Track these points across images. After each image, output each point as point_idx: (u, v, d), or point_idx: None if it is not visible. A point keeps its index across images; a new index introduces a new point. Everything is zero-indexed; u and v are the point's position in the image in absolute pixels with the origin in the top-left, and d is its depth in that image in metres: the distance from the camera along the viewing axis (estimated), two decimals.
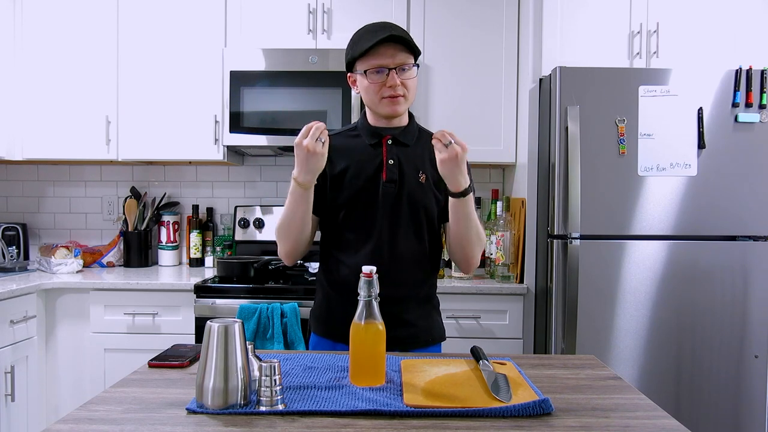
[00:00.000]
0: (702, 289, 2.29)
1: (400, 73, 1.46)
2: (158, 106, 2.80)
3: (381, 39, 1.43)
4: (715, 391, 2.30)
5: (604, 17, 2.51)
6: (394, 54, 1.46)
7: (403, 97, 1.49)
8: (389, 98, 1.48)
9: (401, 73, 1.47)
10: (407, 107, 1.54)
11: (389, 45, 1.45)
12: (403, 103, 1.50)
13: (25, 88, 2.81)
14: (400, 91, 1.47)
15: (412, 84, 1.50)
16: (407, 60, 1.47)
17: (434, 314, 1.63)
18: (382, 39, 1.43)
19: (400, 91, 1.47)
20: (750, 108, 2.29)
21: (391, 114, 1.51)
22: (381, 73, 1.46)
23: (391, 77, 1.46)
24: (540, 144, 2.50)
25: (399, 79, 1.46)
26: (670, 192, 2.29)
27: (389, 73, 1.45)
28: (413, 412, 1.01)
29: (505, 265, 2.57)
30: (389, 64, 1.45)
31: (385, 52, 1.45)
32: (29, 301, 2.43)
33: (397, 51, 1.46)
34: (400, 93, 1.47)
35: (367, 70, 1.47)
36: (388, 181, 1.51)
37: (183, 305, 2.48)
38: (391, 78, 1.46)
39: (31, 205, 3.19)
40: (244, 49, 2.71)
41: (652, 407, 1.08)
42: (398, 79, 1.46)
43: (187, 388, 1.14)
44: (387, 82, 1.46)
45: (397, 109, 1.50)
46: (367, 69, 1.47)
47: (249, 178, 3.17)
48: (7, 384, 2.30)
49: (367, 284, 1.15)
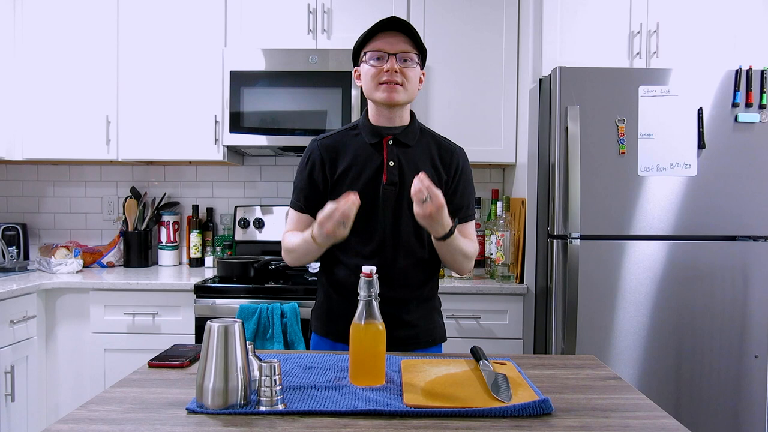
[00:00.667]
0: (702, 290, 2.29)
1: (401, 62, 1.46)
2: (158, 106, 2.80)
3: (385, 22, 1.45)
4: (715, 391, 2.29)
5: (604, 17, 2.51)
6: (396, 42, 1.46)
7: (401, 86, 1.47)
8: (386, 84, 1.46)
9: (401, 62, 1.47)
10: (406, 98, 1.50)
11: (391, 33, 1.47)
12: (401, 91, 1.48)
13: (25, 88, 2.81)
14: (398, 78, 1.46)
15: (413, 75, 1.49)
16: (409, 50, 1.47)
17: (435, 315, 1.63)
18: (386, 22, 1.45)
19: (397, 78, 1.46)
20: (750, 108, 2.29)
21: (387, 101, 1.48)
22: (381, 59, 1.47)
23: (389, 62, 1.45)
24: (540, 144, 2.50)
25: (398, 67, 1.46)
26: (670, 192, 2.29)
27: (389, 58, 1.46)
28: (413, 412, 1.01)
29: (505, 265, 2.57)
30: (390, 50, 1.46)
31: (388, 39, 1.47)
32: (29, 301, 2.43)
33: (399, 40, 1.47)
34: (397, 80, 1.46)
35: (368, 52, 1.48)
36: (389, 184, 1.51)
37: (183, 305, 2.48)
38: (390, 63, 1.45)
39: (31, 205, 3.19)
40: (244, 49, 2.71)
41: (652, 407, 1.08)
42: (397, 66, 1.46)
43: (187, 388, 1.14)
44: (385, 66, 1.46)
45: (394, 97, 1.47)
46: (369, 51, 1.48)
47: (249, 178, 3.17)
48: (7, 384, 2.30)
49: (367, 284, 1.15)
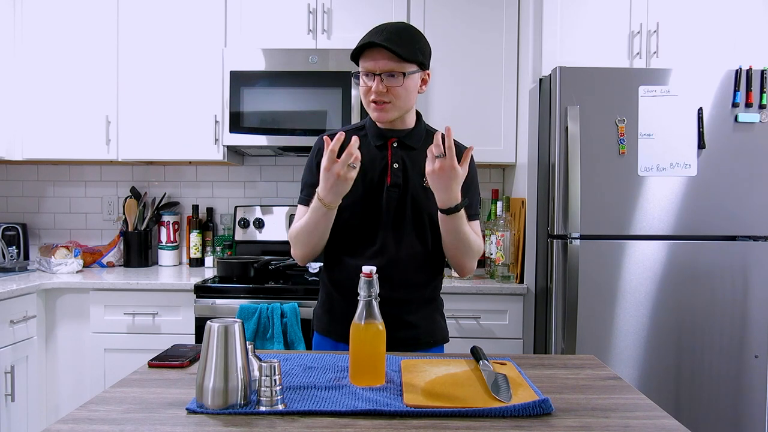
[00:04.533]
0: (702, 289, 2.29)
1: (387, 80, 1.44)
2: (158, 106, 2.80)
3: (364, 44, 1.42)
4: (715, 391, 2.29)
5: (604, 17, 2.51)
6: (379, 60, 1.43)
7: (389, 104, 1.46)
8: (375, 104, 1.47)
9: (388, 80, 1.44)
10: (397, 114, 1.50)
11: (378, 50, 1.43)
12: (389, 110, 1.47)
13: (25, 88, 2.81)
14: (385, 98, 1.45)
15: (400, 90, 1.46)
16: (394, 68, 1.43)
17: (436, 316, 1.63)
18: (366, 44, 1.42)
19: (385, 98, 1.45)
20: (750, 108, 2.29)
21: (378, 120, 1.50)
22: (369, 77, 1.45)
23: (375, 83, 1.44)
24: (540, 144, 2.50)
25: (385, 86, 1.44)
26: (670, 192, 2.29)
27: (375, 78, 1.44)
28: (413, 412, 1.01)
29: (505, 265, 2.57)
30: (374, 69, 1.44)
31: (374, 56, 1.44)
32: (29, 301, 2.43)
33: (382, 57, 1.43)
34: (384, 99, 1.45)
35: (359, 73, 1.47)
36: (392, 186, 1.51)
37: (183, 305, 2.48)
38: (376, 84, 1.44)
39: (31, 205, 3.19)
40: (244, 49, 2.71)
41: (652, 407, 1.08)
42: (383, 86, 1.43)
43: (187, 388, 1.14)
44: (373, 87, 1.45)
45: (383, 116, 1.48)
46: (360, 70, 1.47)
47: (249, 178, 3.18)
48: (7, 384, 2.30)
49: (367, 284, 1.15)
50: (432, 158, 1.34)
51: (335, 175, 1.34)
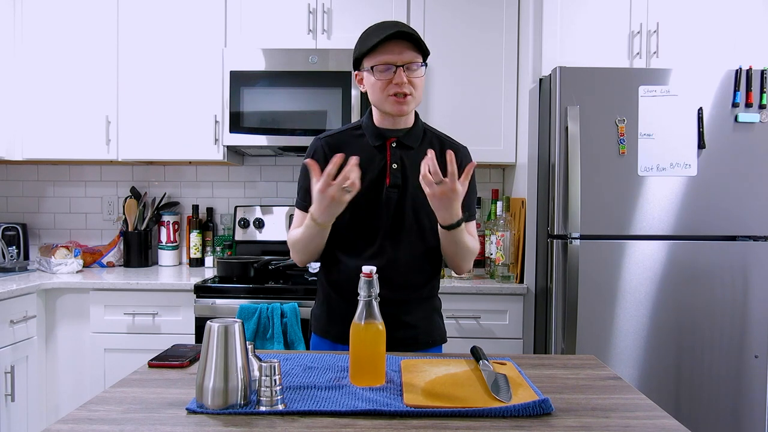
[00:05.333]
0: (702, 289, 2.29)
1: (408, 71, 1.44)
2: (158, 106, 2.80)
3: (390, 34, 1.42)
4: (715, 391, 2.29)
5: (604, 17, 2.51)
6: (402, 51, 1.44)
7: (410, 96, 1.46)
8: (395, 97, 1.46)
9: (409, 72, 1.44)
10: (414, 107, 1.51)
11: (397, 42, 1.43)
12: (410, 102, 1.47)
13: (25, 88, 2.81)
14: (407, 90, 1.45)
15: (420, 83, 1.48)
16: (415, 58, 1.45)
17: (435, 316, 1.63)
18: (391, 35, 1.42)
19: (407, 90, 1.45)
20: (750, 108, 2.29)
21: (398, 113, 1.49)
22: (388, 71, 1.44)
23: (398, 75, 1.43)
24: (540, 144, 2.50)
25: (406, 77, 1.44)
26: (670, 192, 2.29)
27: (396, 70, 1.43)
28: (413, 412, 1.01)
29: (505, 265, 2.57)
30: (397, 61, 1.43)
31: (393, 49, 1.43)
32: (29, 301, 2.43)
33: (405, 48, 1.44)
34: (407, 91, 1.45)
35: (375, 66, 1.45)
36: (392, 186, 1.51)
37: (183, 305, 2.48)
38: (398, 75, 1.43)
39: (31, 205, 3.19)
40: (244, 49, 2.71)
41: (652, 407, 1.08)
42: (405, 77, 1.44)
43: (187, 388, 1.14)
44: (394, 79, 1.44)
45: (404, 109, 1.48)
46: (375, 65, 1.45)
47: (249, 178, 3.18)
48: (7, 384, 2.30)
49: (367, 284, 1.15)
50: (429, 183, 1.32)
51: (330, 197, 1.33)
